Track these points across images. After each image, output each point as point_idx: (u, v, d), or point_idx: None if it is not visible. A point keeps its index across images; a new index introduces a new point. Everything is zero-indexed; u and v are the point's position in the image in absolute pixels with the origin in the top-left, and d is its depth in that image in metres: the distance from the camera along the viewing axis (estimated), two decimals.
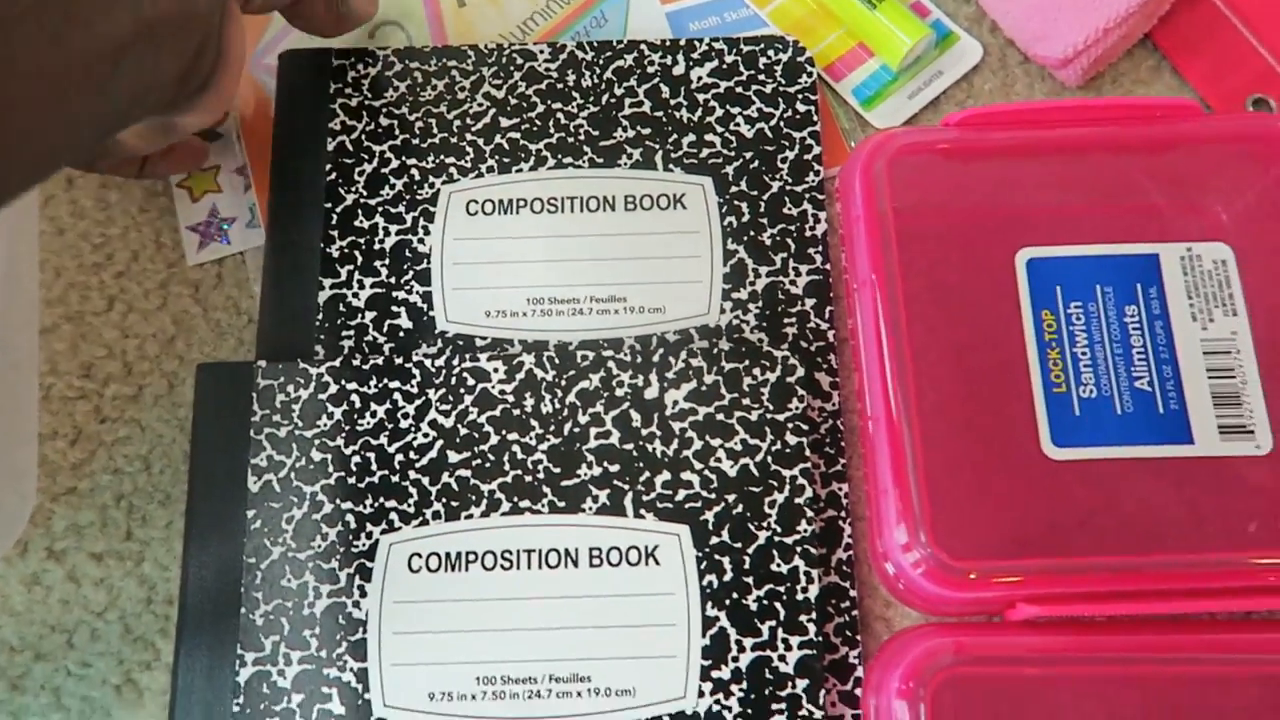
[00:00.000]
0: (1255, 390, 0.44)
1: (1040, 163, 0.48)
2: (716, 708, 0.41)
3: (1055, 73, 0.51)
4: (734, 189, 0.49)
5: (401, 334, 0.46)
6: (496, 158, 0.49)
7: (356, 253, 0.48)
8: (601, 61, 0.51)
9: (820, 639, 0.42)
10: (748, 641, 0.42)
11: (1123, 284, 0.45)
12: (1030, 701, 0.41)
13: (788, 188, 0.49)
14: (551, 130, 0.50)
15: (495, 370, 0.45)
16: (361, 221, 0.48)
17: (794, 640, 0.42)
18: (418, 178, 0.49)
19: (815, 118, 0.50)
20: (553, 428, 0.44)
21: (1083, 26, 0.49)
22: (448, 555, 0.43)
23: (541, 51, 0.51)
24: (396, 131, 0.49)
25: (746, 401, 0.44)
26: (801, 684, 0.41)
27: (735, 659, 0.42)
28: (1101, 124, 0.48)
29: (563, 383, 0.45)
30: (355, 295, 0.47)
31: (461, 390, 0.45)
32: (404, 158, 0.49)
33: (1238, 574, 0.41)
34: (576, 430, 0.44)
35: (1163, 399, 0.44)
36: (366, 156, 0.49)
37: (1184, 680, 0.41)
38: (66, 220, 0.49)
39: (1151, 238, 0.46)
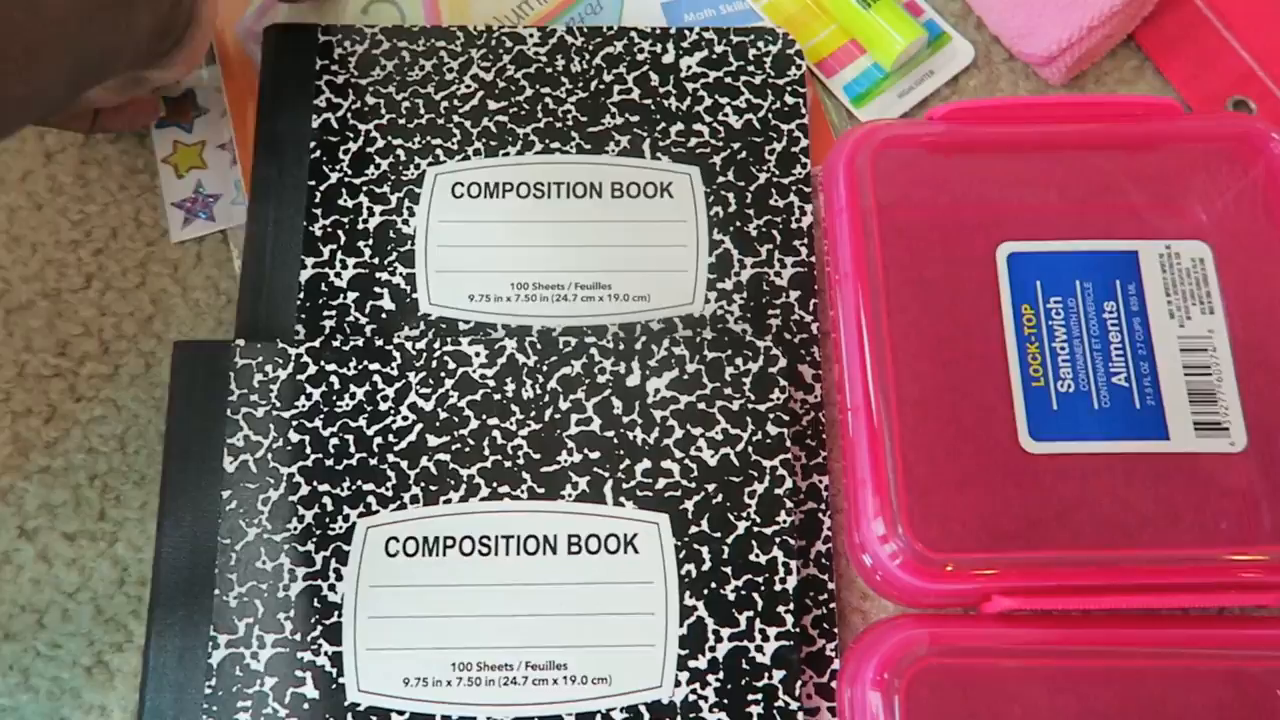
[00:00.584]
0: (1230, 388, 0.43)
1: (1023, 159, 0.47)
2: (693, 697, 0.39)
3: (1039, 70, 0.50)
4: (721, 179, 0.47)
5: (384, 315, 0.44)
6: (483, 141, 0.47)
7: (340, 232, 0.45)
8: (591, 47, 0.49)
9: (798, 631, 0.40)
10: (725, 632, 0.40)
11: (1102, 280, 0.44)
12: (1004, 693, 0.40)
13: (774, 179, 0.47)
14: (539, 115, 0.48)
15: (476, 354, 0.43)
16: (345, 200, 0.46)
17: (771, 631, 0.40)
18: (403, 158, 0.47)
19: (803, 110, 0.48)
20: (533, 413, 0.42)
21: (1066, 24, 0.47)
22: (425, 540, 0.41)
23: (531, 35, 0.49)
24: (383, 111, 0.47)
25: (728, 391, 0.43)
26: (778, 675, 0.40)
27: (712, 649, 0.40)
28: (1083, 121, 0.47)
29: (544, 368, 0.43)
30: (338, 275, 0.45)
31: (442, 374, 0.42)
32: (390, 137, 0.47)
33: (1210, 570, 0.40)
34: (557, 416, 0.42)
35: (1139, 395, 0.43)
36: (352, 135, 0.47)
37: (1156, 674, 0.40)
38: (44, 195, 0.47)
39: (1131, 235, 0.45)
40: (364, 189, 0.46)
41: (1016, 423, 0.42)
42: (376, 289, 0.45)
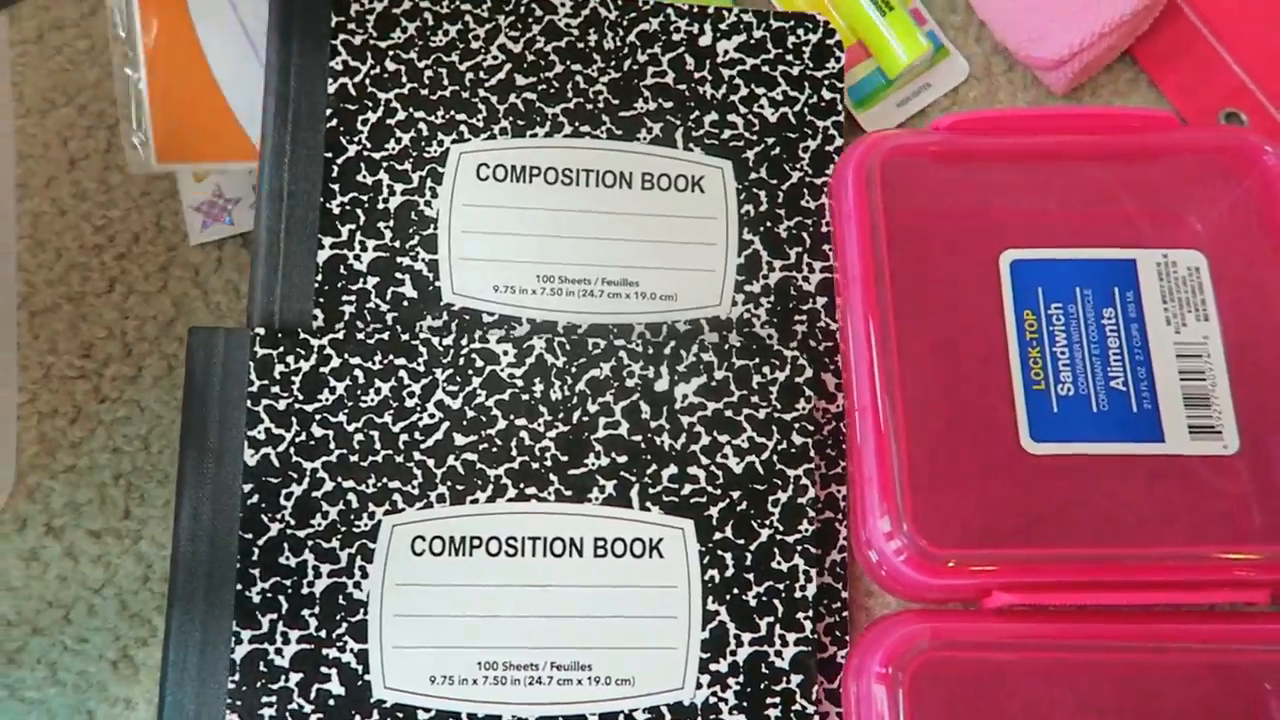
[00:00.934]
0: (1224, 392, 0.42)
1: (1025, 168, 0.45)
2: (713, 700, 0.38)
3: (1043, 76, 0.48)
4: (754, 175, 0.43)
5: (405, 303, 0.41)
6: (510, 119, 0.43)
7: (359, 211, 0.41)
8: (625, 23, 0.44)
9: (814, 637, 0.39)
10: (746, 636, 0.38)
11: (1101, 287, 0.43)
12: (1003, 686, 0.39)
13: (807, 179, 0.44)
14: (570, 94, 0.43)
15: (505, 353, 0.40)
16: (365, 177, 0.41)
17: (790, 637, 0.39)
18: (426, 133, 0.42)
19: (839, 107, 0.45)
20: (561, 415, 0.40)
21: (1079, 28, 0.45)
22: (452, 539, 0.38)
23: (563, 5, 0.44)
24: (404, 79, 0.42)
25: (755, 399, 0.41)
26: (796, 680, 0.38)
27: (733, 653, 0.38)
28: (1082, 132, 0.45)
29: (573, 370, 0.40)
30: (357, 258, 0.41)
31: (470, 371, 0.40)
32: (411, 109, 0.42)
33: (1203, 568, 0.40)
34: (585, 419, 0.40)
35: (1137, 398, 0.42)
36: (371, 104, 0.42)
37: (1149, 667, 0.40)
38: (68, 201, 0.44)
39: (1129, 244, 0.44)
40: (384, 165, 0.42)
41: (1018, 424, 0.41)
42: (398, 274, 0.41)
